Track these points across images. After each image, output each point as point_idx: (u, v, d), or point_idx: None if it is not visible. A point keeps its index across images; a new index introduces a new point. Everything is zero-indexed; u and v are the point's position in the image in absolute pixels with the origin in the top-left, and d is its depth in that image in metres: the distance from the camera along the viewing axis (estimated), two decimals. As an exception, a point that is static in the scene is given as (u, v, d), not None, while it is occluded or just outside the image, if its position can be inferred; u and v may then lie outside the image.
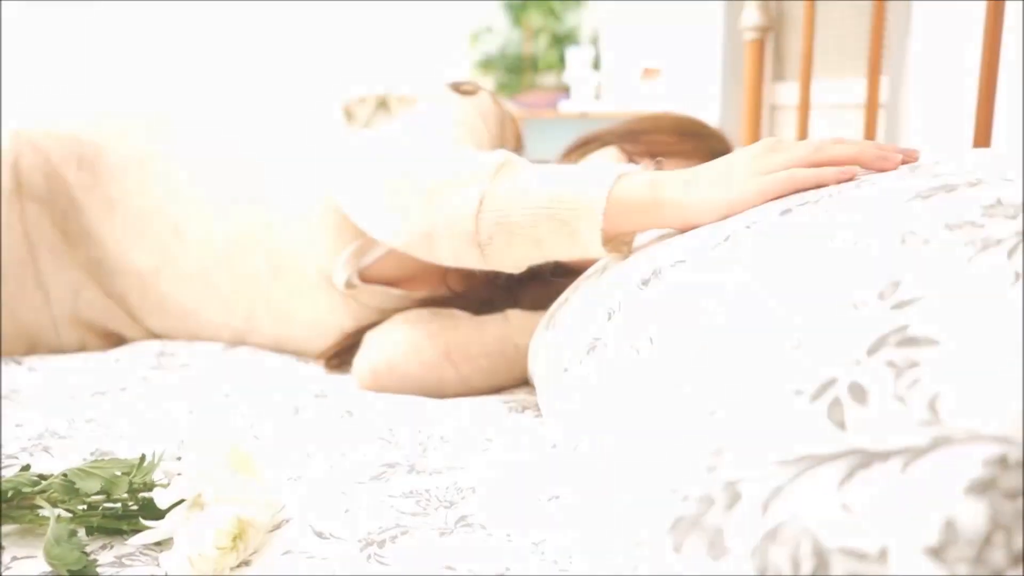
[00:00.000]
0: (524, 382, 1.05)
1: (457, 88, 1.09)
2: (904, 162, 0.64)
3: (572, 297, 0.81)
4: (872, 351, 0.40)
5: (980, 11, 1.05)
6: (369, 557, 0.63)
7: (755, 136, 1.83)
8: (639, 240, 0.82)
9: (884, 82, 1.67)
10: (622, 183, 0.73)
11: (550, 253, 0.79)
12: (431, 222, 0.82)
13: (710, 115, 2.62)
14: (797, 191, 0.64)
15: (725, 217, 0.67)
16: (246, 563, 0.62)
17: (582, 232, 0.75)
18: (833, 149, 0.65)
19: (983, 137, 1.07)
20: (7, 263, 1.16)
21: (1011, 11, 1.27)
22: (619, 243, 0.78)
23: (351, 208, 0.94)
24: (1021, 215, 0.46)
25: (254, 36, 4.04)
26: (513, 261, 0.81)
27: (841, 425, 0.38)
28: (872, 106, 1.41)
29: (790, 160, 0.66)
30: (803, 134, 1.56)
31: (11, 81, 3.67)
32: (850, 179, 0.62)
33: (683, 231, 0.71)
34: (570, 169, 0.78)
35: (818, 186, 0.62)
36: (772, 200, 0.64)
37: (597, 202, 0.73)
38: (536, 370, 0.86)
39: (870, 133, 1.42)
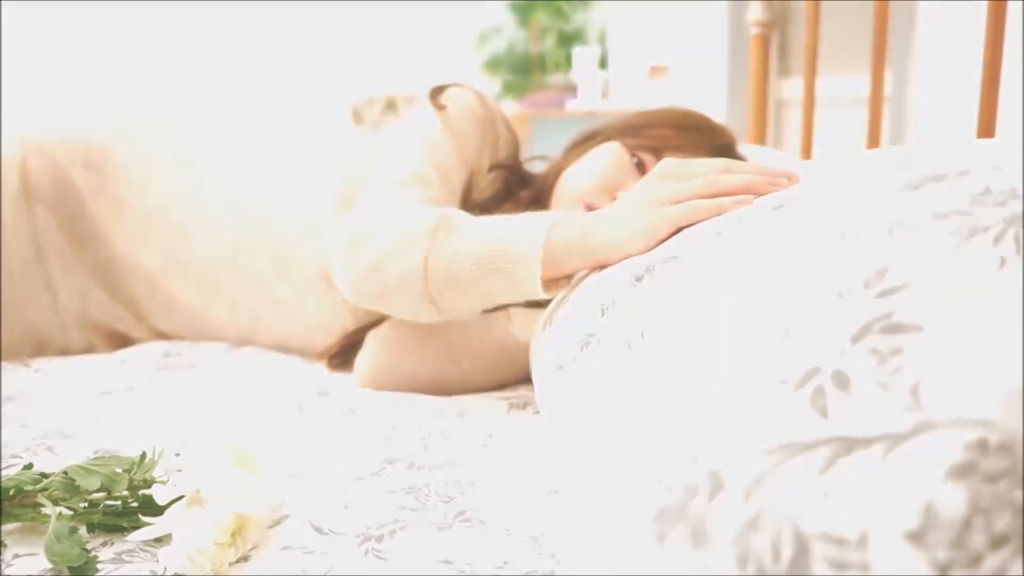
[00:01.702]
0: (526, 379, 1.05)
1: (434, 99, 1.08)
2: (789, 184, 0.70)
3: (570, 295, 0.81)
4: (856, 339, 0.41)
5: (983, 5, 1.05)
6: (367, 552, 0.63)
7: (761, 131, 1.82)
8: None
9: (889, 77, 1.67)
10: (554, 233, 0.79)
11: (499, 300, 0.85)
12: (382, 286, 0.88)
13: (716, 111, 2.62)
14: (700, 220, 0.69)
15: (650, 247, 0.72)
16: (245, 558, 0.63)
17: (523, 281, 0.81)
18: (727, 179, 0.71)
19: (987, 130, 1.07)
20: (16, 266, 1.17)
21: (1014, 5, 1.26)
22: (559, 284, 0.83)
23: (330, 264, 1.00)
24: (1009, 202, 0.46)
25: (263, 38, 4.06)
26: (467, 311, 0.88)
27: (824, 413, 0.38)
28: (876, 101, 1.41)
29: (692, 191, 0.72)
30: (808, 129, 1.56)
31: (12, 83, 3.69)
32: (747, 205, 0.67)
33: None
34: (506, 222, 0.84)
35: (718, 214, 0.68)
36: (681, 228, 0.71)
37: (534, 252, 0.79)
38: (534, 368, 0.86)
39: (875, 128, 1.41)
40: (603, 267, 0.76)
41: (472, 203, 1.09)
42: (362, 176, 1.08)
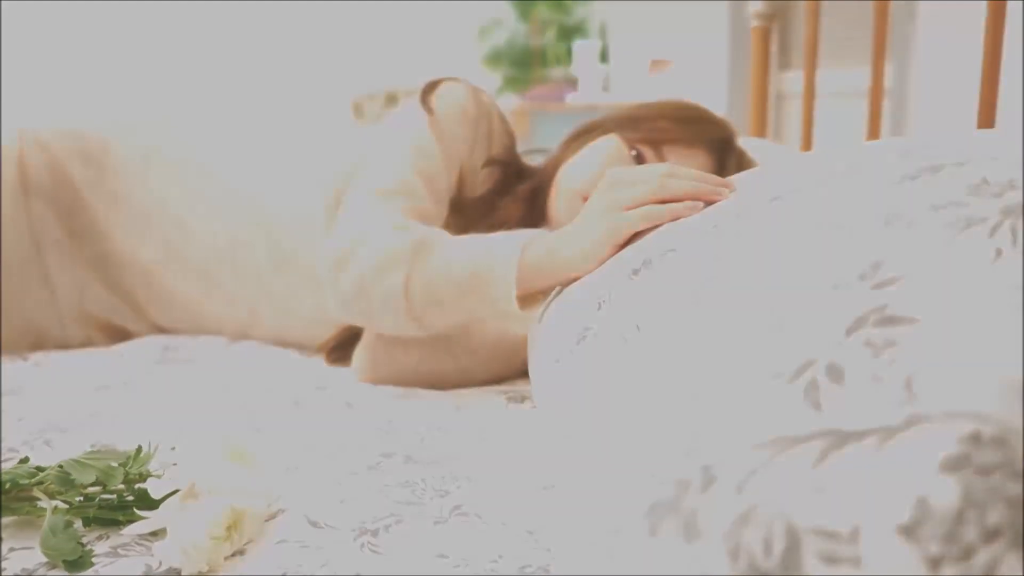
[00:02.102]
0: (524, 373, 1.05)
1: (424, 99, 1.07)
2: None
3: (567, 289, 0.81)
4: (850, 331, 0.40)
5: (983, -5, 1.04)
6: (363, 546, 0.63)
7: (762, 124, 1.82)
8: None
9: (889, 70, 1.66)
10: (526, 254, 0.83)
11: (479, 316, 0.89)
12: (367, 306, 0.92)
13: (717, 105, 2.61)
14: (655, 224, 0.73)
15: (613, 253, 0.75)
16: (240, 553, 0.63)
17: (500, 301, 0.85)
18: (674, 184, 0.74)
19: (987, 123, 1.07)
20: (14, 260, 1.17)
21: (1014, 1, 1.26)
22: (535, 299, 0.87)
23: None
24: (1006, 193, 0.46)
25: (263, 31, 4.05)
26: (450, 326, 0.91)
27: (817, 406, 0.38)
28: (876, 94, 1.40)
29: (643, 195, 0.75)
30: (808, 122, 1.56)
31: (11, 78, 3.68)
32: (698, 212, 0.70)
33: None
34: (482, 242, 0.87)
35: (672, 219, 0.72)
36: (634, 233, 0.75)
37: (508, 274, 0.83)
38: (531, 361, 0.86)
39: (875, 121, 1.41)
40: (575, 281, 0.78)
41: (468, 200, 1.09)
42: (354, 175, 1.08)
